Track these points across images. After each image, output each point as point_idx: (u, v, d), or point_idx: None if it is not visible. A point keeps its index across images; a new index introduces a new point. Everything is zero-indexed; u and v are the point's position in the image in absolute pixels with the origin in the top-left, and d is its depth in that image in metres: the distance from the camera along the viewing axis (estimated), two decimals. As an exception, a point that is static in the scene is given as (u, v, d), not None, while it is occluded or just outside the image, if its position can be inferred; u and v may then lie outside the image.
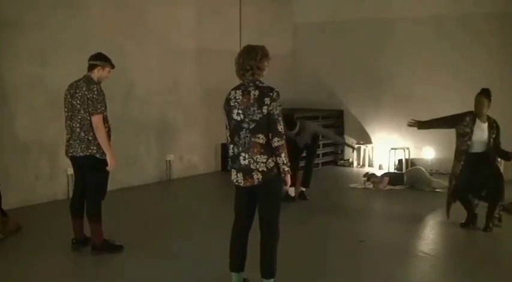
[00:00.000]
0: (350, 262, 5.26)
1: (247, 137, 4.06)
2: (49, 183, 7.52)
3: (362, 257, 5.46)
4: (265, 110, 3.99)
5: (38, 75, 7.28)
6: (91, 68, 5.31)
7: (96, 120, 5.10)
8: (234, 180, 4.18)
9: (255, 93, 4.04)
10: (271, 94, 4.01)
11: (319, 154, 10.84)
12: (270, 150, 4.03)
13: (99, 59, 5.32)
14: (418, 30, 10.29)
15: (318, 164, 10.80)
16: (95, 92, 5.13)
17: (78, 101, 5.16)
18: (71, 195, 7.53)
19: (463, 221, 6.41)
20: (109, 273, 4.99)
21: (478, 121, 6.18)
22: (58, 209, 7.16)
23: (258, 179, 4.05)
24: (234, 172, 4.17)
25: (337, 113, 11.43)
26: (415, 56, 10.33)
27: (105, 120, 5.22)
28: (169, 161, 9.37)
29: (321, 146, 10.87)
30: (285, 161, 4.03)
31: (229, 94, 4.20)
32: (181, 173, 9.56)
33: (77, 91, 5.19)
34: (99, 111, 5.11)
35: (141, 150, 8.78)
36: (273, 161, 4.04)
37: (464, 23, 9.84)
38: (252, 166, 4.05)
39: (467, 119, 6.20)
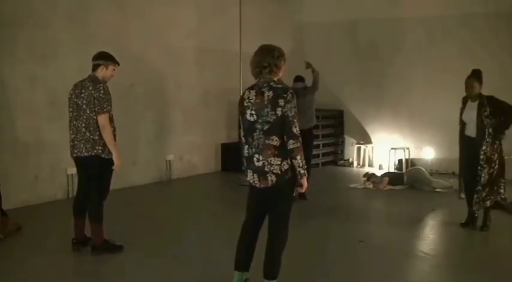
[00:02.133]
0: (350, 262, 5.26)
1: (260, 138, 3.98)
2: (49, 183, 7.52)
3: (362, 257, 5.45)
4: (279, 112, 3.91)
5: (38, 75, 7.28)
6: (94, 67, 5.29)
7: (102, 119, 5.10)
8: (251, 181, 4.11)
9: (268, 94, 3.95)
10: (286, 95, 3.92)
11: (319, 154, 10.86)
12: (284, 153, 3.96)
13: (102, 58, 5.30)
14: (418, 30, 10.30)
15: (318, 164, 10.82)
16: (101, 91, 5.12)
17: (84, 101, 5.14)
18: (71, 195, 7.61)
19: (463, 221, 6.41)
20: (109, 273, 4.99)
21: (469, 101, 6.22)
22: (58, 209, 7.17)
23: (272, 181, 3.99)
24: (250, 173, 4.09)
25: (337, 113, 11.44)
26: (416, 56, 10.34)
27: (111, 120, 5.22)
28: (169, 161, 9.37)
29: (320, 145, 10.89)
30: (301, 164, 3.96)
31: (244, 94, 4.11)
32: (181, 173, 9.56)
33: (83, 91, 5.17)
34: (105, 110, 5.11)
35: (141, 150, 8.78)
36: (287, 163, 3.97)
37: (466, 23, 9.84)
38: (266, 168, 3.98)
39: (462, 105, 6.34)
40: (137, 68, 8.42)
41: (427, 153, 10.45)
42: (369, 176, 9.12)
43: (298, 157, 3.95)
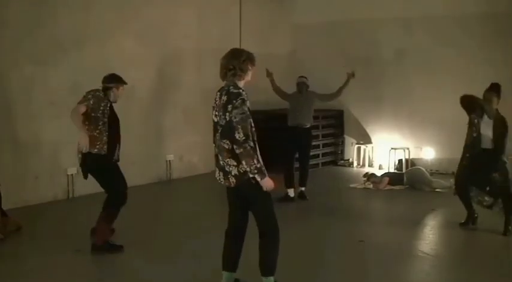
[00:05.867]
0: (350, 262, 5.26)
1: (219, 139, 4.08)
2: (49, 183, 7.52)
3: (362, 257, 5.45)
4: (227, 117, 3.99)
5: (38, 75, 7.28)
6: (106, 90, 5.44)
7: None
8: (217, 179, 4.21)
9: (223, 98, 4.06)
10: (234, 101, 3.98)
11: (319, 154, 10.86)
12: (237, 156, 3.99)
13: (113, 82, 5.47)
14: (418, 30, 10.29)
15: (318, 164, 10.81)
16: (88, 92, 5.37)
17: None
18: (71, 195, 7.64)
19: (463, 221, 6.42)
20: (109, 273, 4.99)
21: (485, 116, 6.12)
22: (58, 209, 7.18)
23: (233, 182, 4.09)
24: (217, 170, 4.20)
25: (337, 113, 11.43)
26: (415, 56, 10.33)
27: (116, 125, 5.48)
28: (169, 161, 9.37)
29: (321, 146, 10.89)
30: (249, 169, 3.94)
31: (216, 95, 4.23)
32: (181, 173, 9.55)
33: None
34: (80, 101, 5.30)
35: (141, 150, 8.77)
36: (243, 167, 4.01)
37: (464, 23, 9.84)
38: (226, 168, 4.08)
39: (478, 111, 6.15)
40: (137, 68, 8.41)
41: (427, 153, 10.45)
42: (369, 176, 9.11)
43: (244, 162, 3.95)
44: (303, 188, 7.87)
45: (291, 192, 7.72)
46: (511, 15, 9.51)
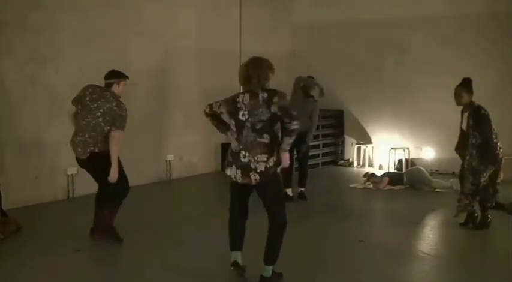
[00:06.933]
0: (350, 262, 5.26)
1: (249, 136, 4.26)
2: (49, 183, 7.52)
3: (362, 257, 5.45)
4: (273, 108, 4.20)
5: (38, 75, 7.28)
6: (108, 86, 5.51)
7: (120, 135, 5.38)
8: (233, 176, 4.36)
9: (263, 95, 4.26)
10: (279, 92, 4.28)
11: (319, 154, 10.86)
12: (272, 150, 4.25)
13: (114, 77, 5.54)
14: (418, 30, 10.29)
15: (318, 164, 10.82)
16: (125, 111, 5.43)
17: (100, 110, 5.37)
18: (71, 195, 7.64)
19: (463, 221, 6.42)
20: (109, 273, 4.99)
21: (464, 113, 6.29)
22: (58, 209, 7.18)
23: (255, 180, 4.26)
24: (233, 168, 4.35)
25: (337, 113, 11.43)
26: (415, 56, 10.33)
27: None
28: (169, 161, 9.37)
29: (321, 145, 10.90)
30: (290, 142, 4.26)
31: (237, 97, 4.38)
32: (181, 173, 9.56)
33: (102, 100, 5.40)
34: (123, 127, 5.41)
35: (141, 150, 8.77)
36: (273, 160, 4.24)
37: (465, 23, 9.84)
38: (251, 165, 4.24)
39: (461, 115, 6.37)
40: (137, 68, 8.40)
41: (427, 153, 10.45)
42: (369, 176, 9.11)
43: (293, 137, 4.26)
44: (302, 189, 7.87)
45: (290, 192, 7.72)
46: (511, 15, 9.52)
